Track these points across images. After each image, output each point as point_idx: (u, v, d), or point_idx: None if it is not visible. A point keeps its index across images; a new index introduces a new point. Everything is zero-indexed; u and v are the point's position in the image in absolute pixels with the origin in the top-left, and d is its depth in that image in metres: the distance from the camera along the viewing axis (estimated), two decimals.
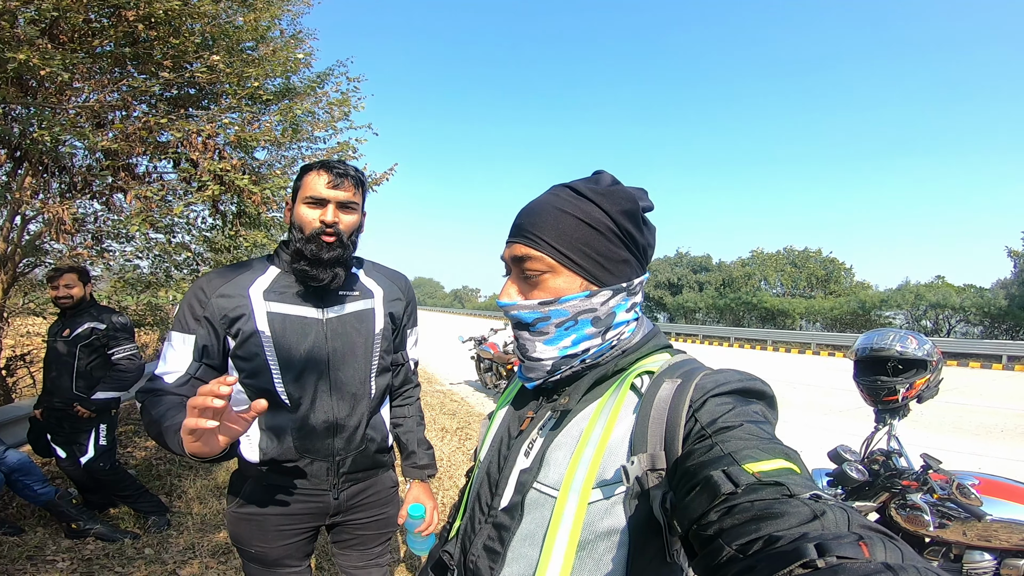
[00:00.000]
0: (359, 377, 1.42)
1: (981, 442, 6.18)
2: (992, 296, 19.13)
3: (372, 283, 1.51)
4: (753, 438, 0.58)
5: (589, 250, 0.75)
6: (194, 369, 1.31)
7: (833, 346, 18.47)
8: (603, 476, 0.69)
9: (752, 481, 0.52)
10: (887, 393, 2.01)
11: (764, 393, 0.69)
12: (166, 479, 4.13)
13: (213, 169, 3.83)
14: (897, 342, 2.03)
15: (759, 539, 0.46)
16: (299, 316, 1.36)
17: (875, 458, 2.05)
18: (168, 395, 1.26)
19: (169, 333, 1.34)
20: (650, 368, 0.75)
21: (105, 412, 3.36)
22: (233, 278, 1.35)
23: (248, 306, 1.32)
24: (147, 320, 6.32)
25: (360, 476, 1.47)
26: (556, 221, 0.75)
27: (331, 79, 5.47)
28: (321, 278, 1.33)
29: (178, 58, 4.26)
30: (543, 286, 0.77)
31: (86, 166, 4.22)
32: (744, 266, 29.56)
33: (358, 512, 1.50)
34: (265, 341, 1.32)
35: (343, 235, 1.35)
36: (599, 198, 0.76)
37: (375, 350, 1.46)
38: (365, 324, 1.44)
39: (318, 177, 1.33)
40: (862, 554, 0.41)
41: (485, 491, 0.82)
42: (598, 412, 0.74)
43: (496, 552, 0.75)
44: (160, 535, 3.25)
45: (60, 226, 3.53)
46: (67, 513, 3.12)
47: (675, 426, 0.66)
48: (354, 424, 1.42)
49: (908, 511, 1.94)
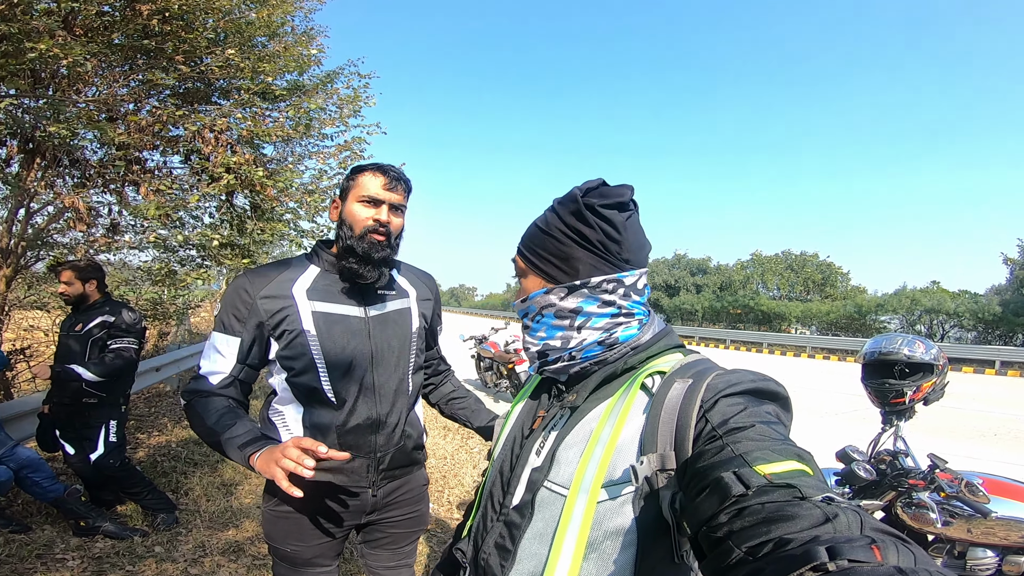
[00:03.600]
0: (399, 374, 1.46)
1: (975, 446, 6.25)
2: (986, 302, 19.29)
3: (407, 283, 1.55)
4: (765, 439, 0.58)
5: (544, 252, 0.83)
6: (237, 371, 1.34)
7: (828, 350, 18.56)
8: (612, 476, 0.69)
9: (763, 483, 0.52)
10: (894, 396, 2.06)
11: (777, 394, 0.68)
12: (171, 476, 4.13)
13: (226, 162, 3.85)
14: (905, 346, 2.08)
15: (769, 541, 0.46)
16: (343, 315, 1.38)
17: (882, 458, 2.11)
18: (214, 397, 1.31)
19: (212, 333, 1.37)
20: (661, 368, 0.76)
21: (115, 407, 3.32)
22: (275, 278, 1.37)
23: (293, 306, 1.34)
24: (148, 313, 6.33)
25: (397, 473, 1.50)
26: (528, 233, 0.87)
27: (342, 76, 5.50)
28: (368, 276, 1.36)
29: (190, 52, 4.28)
30: (522, 287, 0.89)
31: (98, 160, 4.24)
32: (743, 269, 29.69)
33: (392, 510, 1.52)
34: (311, 340, 1.34)
35: (392, 236, 1.39)
36: (555, 203, 0.84)
37: (412, 348, 1.50)
38: (404, 323, 1.49)
39: (374, 178, 1.37)
40: (874, 557, 0.40)
41: (497, 489, 0.83)
42: (608, 411, 0.75)
43: (507, 550, 0.76)
44: (169, 533, 3.24)
45: (76, 215, 3.54)
46: (75, 510, 3.09)
47: (686, 426, 0.65)
48: (394, 421, 1.45)
49: (914, 509, 1.99)
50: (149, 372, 6.10)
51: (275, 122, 4.40)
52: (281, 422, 1.41)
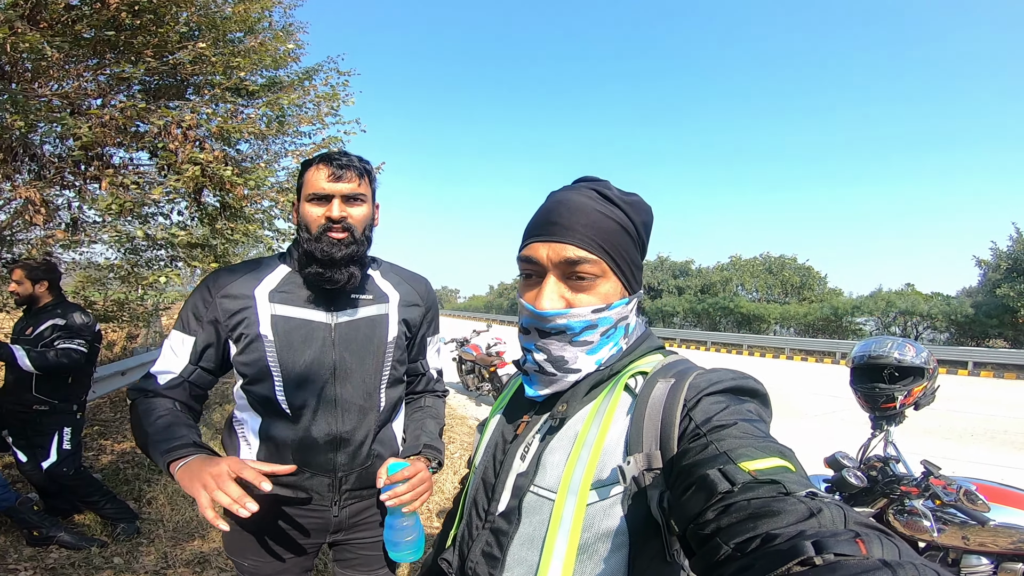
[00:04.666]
0: (367, 388, 1.32)
1: (952, 446, 6.35)
2: (958, 304, 19.73)
3: (388, 286, 1.41)
4: (748, 436, 0.58)
5: (627, 256, 0.76)
6: (188, 372, 1.25)
7: (806, 351, 18.84)
8: (600, 477, 0.68)
9: (748, 479, 0.52)
10: (885, 400, 2.03)
11: (757, 391, 0.69)
12: (134, 484, 3.96)
13: (193, 157, 3.70)
14: (895, 350, 2.04)
15: (756, 537, 0.46)
16: (305, 320, 1.27)
17: (872, 464, 2.06)
18: (159, 397, 1.21)
19: (171, 331, 1.28)
20: (643, 369, 0.75)
21: (69, 414, 3.17)
22: (240, 277, 1.28)
23: (252, 308, 1.24)
24: (115, 315, 6.08)
25: (364, 493, 1.37)
26: (600, 223, 0.74)
27: (320, 74, 5.35)
28: (336, 279, 1.24)
29: (160, 47, 4.12)
30: (593, 291, 0.75)
31: (57, 155, 4.04)
32: (722, 271, 30.01)
33: (362, 531, 1.40)
34: (268, 346, 1.23)
35: (355, 230, 1.26)
36: (626, 206, 0.77)
37: (387, 359, 1.36)
38: (377, 331, 1.34)
39: (317, 172, 1.24)
40: (859, 551, 0.40)
41: (482, 497, 0.81)
42: (593, 414, 0.74)
43: (495, 558, 0.74)
44: (130, 543, 3.10)
45: (33, 209, 3.36)
46: (28, 520, 2.95)
47: (670, 425, 0.66)
48: (359, 439, 1.32)
49: (907, 516, 1.95)
50: (115, 376, 5.88)
51: (248, 118, 4.25)
52: (241, 431, 1.32)
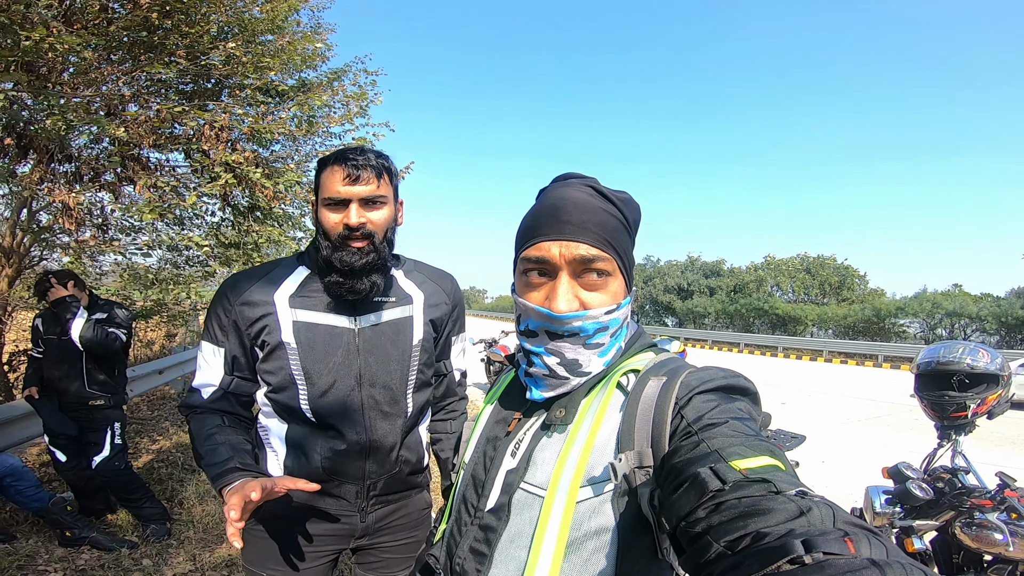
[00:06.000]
0: (394, 395, 1.27)
1: (1003, 453, 6.02)
2: (1008, 305, 18.78)
3: (412, 286, 1.35)
4: (739, 435, 0.58)
5: (628, 253, 0.76)
6: (227, 383, 1.22)
7: (846, 354, 18.20)
8: (591, 474, 0.68)
9: (739, 478, 0.52)
10: (956, 409, 1.87)
11: (747, 390, 0.69)
12: (167, 484, 4.00)
13: (226, 160, 3.72)
14: (967, 356, 1.88)
15: (747, 535, 0.46)
16: (328, 326, 1.22)
17: (939, 475, 1.91)
18: (208, 414, 1.21)
19: (200, 343, 1.26)
20: (635, 367, 0.75)
21: (119, 408, 3.26)
22: (258, 281, 1.23)
23: (273, 315, 1.20)
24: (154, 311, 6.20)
25: (392, 498, 1.33)
26: (606, 221, 0.73)
27: (348, 74, 5.36)
28: (358, 289, 1.19)
29: (192, 48, 4.17)
30: (605, 290, 0.74)
31: (94, 156, 4.12)
32: (756, 271, 29.25)
33: (385, 535, 1.35)
34: (291, 353, 1.19)
35: (375, 236, 1.19)
36: (621, 204, 0.76)
37: (413, 363, 1.31)
38: (402, 335, 1.29)
39: (333, 174, 1.16)
40: (848, 550, 0.40)
41: (471, 493, 0.80)
42: (585, 410, 0.73)
43: (483, 554, 0.73)
44: (159, 545, 3.11)
45: (66, 212, 3.42)
46: (61, 520, 3.00)
47: (661, 423, 0.66)
48: (389, 445, 1.27)
49: (976, 529, 1.80)
50: (152, 375, 5.99)
51: (278, 119, 4.26)
52: (266, 439, 1.27)
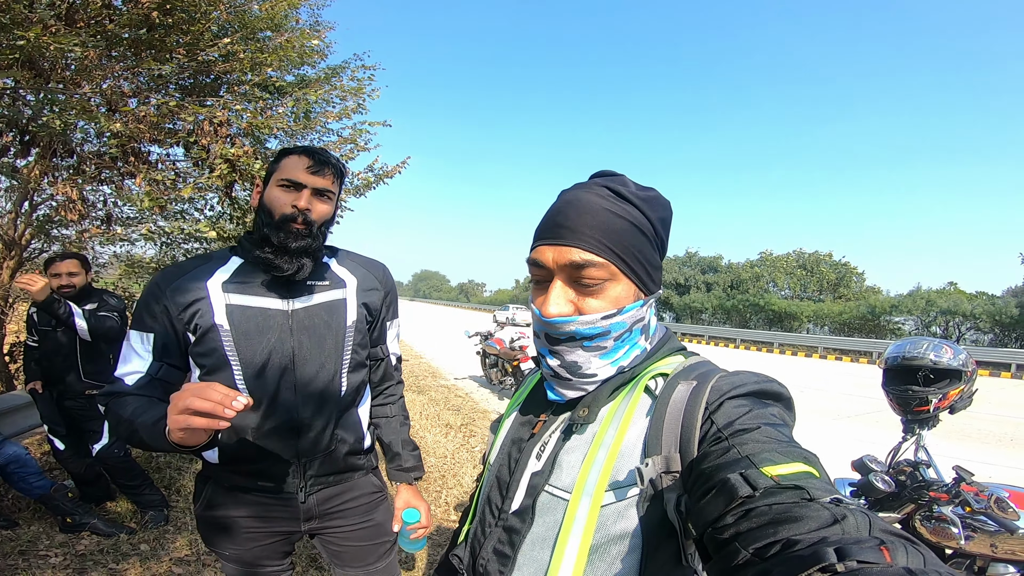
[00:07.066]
0: (327, 374, 1.32)
1: (989, 451, 6.10)
2: (1003, 304, 18.88)
3: (345, 272, 1.41)
4: (771, 441, 0.57)
5: (641, 256, 0.73)
6: (155, 369, 1.21)
7: (841, 350, 18.31)
8: (616, 478, 0.67)
9: (770, 484, 0.51)
10: (918, 403, 1.94)
11: (781, 395, 0.67)
12: (166, 472, 4.07)
13: (224, 153, 3.79)
14: (931, 351, 1.95)
15: (777, 542, 0.45)
16: (261, 308, 1.26)
17: (902, 469, 1.99)
18: (130, 396, 1.16)
19: (128, 332, 1.25)
20: (664, 370, 0.74)
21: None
22: (190, 271, 1.27)
23: (206, 299, 1.23)
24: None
25: (331, 480, 1.38)
26: (610, 224, 0.71)
27: (347, 71, 5.41)
28: (285, 268, 1.24)
29: (192, 45, 4.22)
30: (603, 295, 0.72)
31: (96, 151, 4.19)
32: (752, 267, 29.32)
33: (337, 519, 1.41)
34: (224, 335, 1.23)
35: (314, 224, 1.26)
36: (642, 203, 0.73)
37: (347, 344, 1.36)
38: (336, 316, 1.34)
39: (298, 160, 1.26)
40: (883, 559, 0.39)
41: (495, 495, 0.80)
42: (611, 414, 0.73)
43: (506, 556, 0.74)
44: (157, 531, 3.20)
45: (70, 205, 3.49)
46: (62, 507, 3.07)
47: (690, 428, 0.64)
48: (321, 424, 1.32)
49: (934, 523, 1.87)
50: None
51: (276, 115, 4.32)
52: None
